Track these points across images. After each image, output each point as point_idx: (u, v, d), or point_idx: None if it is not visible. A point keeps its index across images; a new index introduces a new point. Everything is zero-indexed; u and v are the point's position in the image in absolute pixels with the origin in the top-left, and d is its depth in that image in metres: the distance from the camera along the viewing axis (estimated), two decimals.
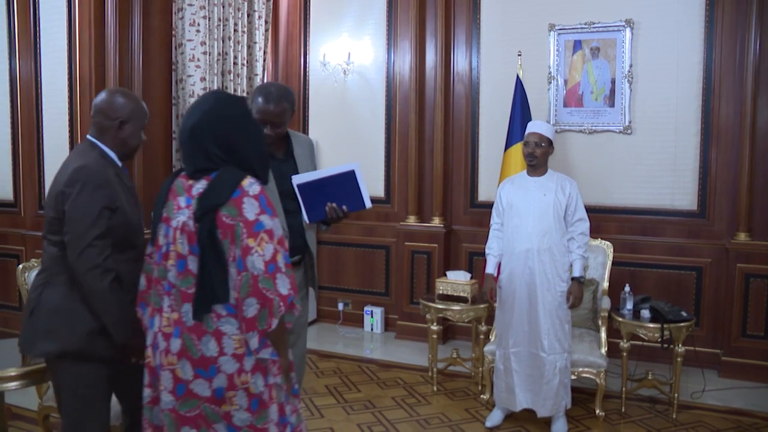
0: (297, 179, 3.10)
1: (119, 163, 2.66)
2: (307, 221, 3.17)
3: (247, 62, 6.04)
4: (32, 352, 2.57)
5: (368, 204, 3.10)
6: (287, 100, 3.12)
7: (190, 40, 5.41)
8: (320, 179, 3.09)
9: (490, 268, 4.30)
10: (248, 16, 6.04)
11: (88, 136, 2.65)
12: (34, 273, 3.47)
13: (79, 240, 2.42)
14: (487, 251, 4.33)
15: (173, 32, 5.48)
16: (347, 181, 3.06)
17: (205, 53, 5.46)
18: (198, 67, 5.44)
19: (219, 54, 5.65)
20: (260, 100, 3.07)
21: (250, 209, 2.07)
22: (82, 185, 2.44)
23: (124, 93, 2.70)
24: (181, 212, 2.18)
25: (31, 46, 5.24)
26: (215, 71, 5.59)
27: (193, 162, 2.21)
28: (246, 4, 5.96)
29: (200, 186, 2.17)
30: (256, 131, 2.29)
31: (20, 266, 3.50)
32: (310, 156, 3.38)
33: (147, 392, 2.27)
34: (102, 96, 2.66)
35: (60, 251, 2.49)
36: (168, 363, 2.15)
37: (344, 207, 3.09)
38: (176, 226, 2.18)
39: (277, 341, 2.17)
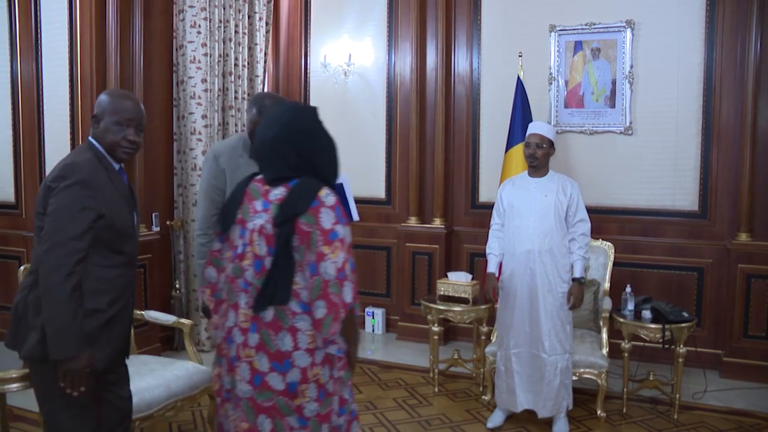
0: None
1: (116, 166, 2.61)
2: None
3: (247, 64, 6.05)
4: (17, 351, 2.50)
5: (356, 217, 3.17)
6: None
7: (191, 42, 5.43)
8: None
9: (492, 268, 4.29)
10: (249, 17, 6.05)
11: (89, 138, 2.64)
12: None
13: (52, 235, 2.33)
14: (487, 251, 4.33)
15: (174, 34, 5.49)
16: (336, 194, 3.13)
17: (206, 55, 5.47)
18: (199, 68, 5.45)
19: (220, 55, 5.65)
20: (254, 111, 3.19)
21: (327, 219, 2.21)
22: (67, 181, 2.39)
23: (108, 91, 2.66)
24: (258, 216, 2.30)
25: (33, 48, 5.23)
26: (216, 73, 5.60)
27: (273, 170, 2.34)
28: (247, 5, 5.97)
29: (278, 192, 2.30)
30: (330, 142, 2.39)
31: (21, 268, 3.51)
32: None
33: (220, 383, 2.40)
34: (102, 98, 2.64)
35: None
36: (246, 356, 2.28)
37: None
38: (253, 228, 2.30)
39: (349, 334, 2.34)
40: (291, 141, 2.31)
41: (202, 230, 3.26)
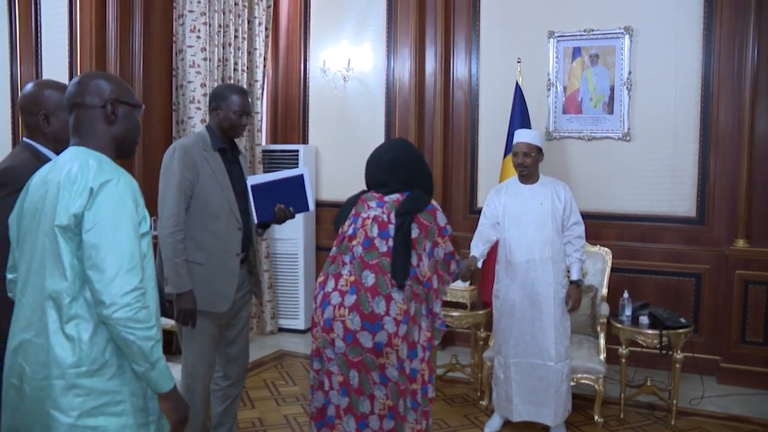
0: (252, 180, 3.29)
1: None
2: (256, 220, 3.36)
3: (247, 68, 6.07)
4: None
5: (312, 207, 3.41)
6: None
7: (190, 47, 5.44)
8: (272, 181, 3.33)
9: (474, 253, 4.10)
10: (248, 22, 6.07)
11: (23, 138, 2.47)
12: None
13: None
14: (471, 247, 4.16)
15: (174, 38, 5.50)
16: (296, 185, 3.37)
17: (205, 59, 5.48)
18: (198, 73, 5.46)
19: (219, 60, 5.67)
20: (237, 97, 3.31)
21: (441, 219, 2.91)
22: (1, 188, 2.28)
23: (49, 84, 2.49)
24: (373, 209, 2.92)
25: (33, 52, 5.25)
26: (215, 77, 5.61)
27: (389, 184, 2.97)
28: (246, 10, 5.99)
29: (393, 197, 2.92)
30: (428, 168, 3.12)
31: None
32: (245, 164, 3.58)
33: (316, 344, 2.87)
34: (24, 91, 2.45)
35: None
36: (340, 315, 2.76)
37: (291, 208, 3.34)
38: (366, 216, 2.90)
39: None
40: (405, 164, 2.99)
41: (177, 226, 3.15)
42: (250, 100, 3.43)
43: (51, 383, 1.83)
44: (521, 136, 4.18)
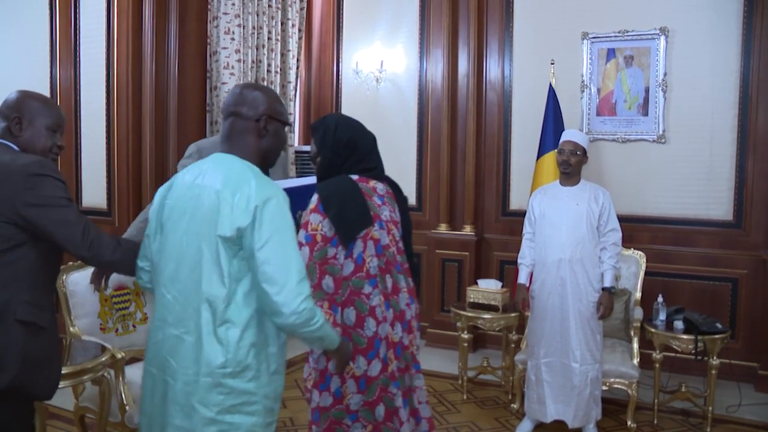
0: None
1: None
2: None
3: (280, 70, 6.11)
4: None
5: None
6: None
7: (224, 48, 5.49)
8: (287, 189, 3.25)
9: (523, 278, 4.27)
10: (282, 24, 6.11)
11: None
12: (72, 275, 3.56)
13: None
14: (519, 260, 4.31)
15: (208, 40, 5.56)
16: (309, 193, 3.24)
17: (239, 61, 5.53)
18: (232, 74, 5.51)
19: (253, 62, 5.72)
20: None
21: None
22: None
23: (33, 95, 2.44)
24: (381, 209, 2.72)
25: (71, 54, 5.36)
26: (249, 79, 5.66)
27: (378, 165, 2.82)
28: (280, 12, 6.03)
29: (381, 187, 2.77)
30: None
31: None
32: (281, 164, 3.58)
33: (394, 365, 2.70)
34: (8, 96, 2.42)
35: None
36: (416, 319, 2.80)
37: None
38: (386, 219, 2.72)
39: None
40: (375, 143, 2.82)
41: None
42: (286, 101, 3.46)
43: (199, 380, 1.98)
44: (569, 134, 4.22)
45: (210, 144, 3.40)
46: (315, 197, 2.62)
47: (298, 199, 3.32)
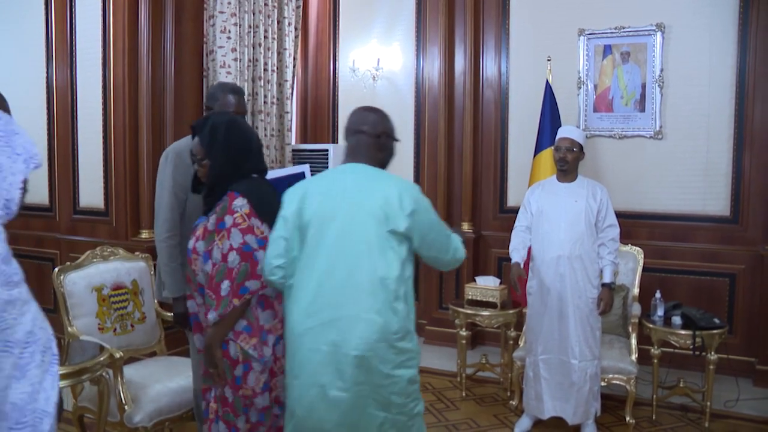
0: None
1: None
2: None
3: (277, 68, 6.11)
4: None
5: None
6: None
7: (221, 47, 5.48)
8: (275, 178, 3.27)
9: (517, 258, 4.20)
10: (278, 23, 6.10)
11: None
12: (69, 275, 3.55)
13: None
14: (510, 249, 4.25)
15: (204, 39, 5.55)
16: (297, 181, 3.23)
17: (235, 60, 5.52)
18: (229, 73, 5.50)
19: (249, 60, 5.71)
20: (231, 97, 3.33)
21: None
22: None
23: None
24: None
25: (67, 54, 5.34)
26: (246, 77, 5.65)
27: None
28: (276, 11, 6.03)
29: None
30: None
31: (56, 269, 3.57)
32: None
33: None
34: None
35: None
36: None
37: None
38: None
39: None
40: None
41: (171, 231, 3.20)
42: (245, 99, 3.38)
43: (379, 345, 2.40)
44: (566, 131, 4.21)
45: (185, 144, 3.26)
46: (245, 203, 2.62)
47: (286, 187, 3.34)
